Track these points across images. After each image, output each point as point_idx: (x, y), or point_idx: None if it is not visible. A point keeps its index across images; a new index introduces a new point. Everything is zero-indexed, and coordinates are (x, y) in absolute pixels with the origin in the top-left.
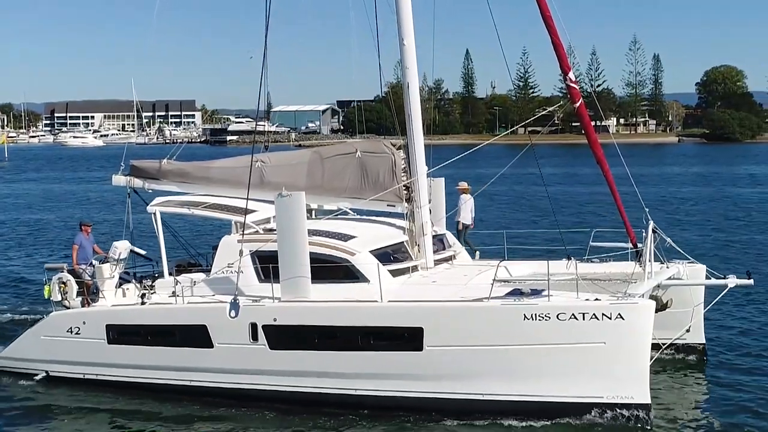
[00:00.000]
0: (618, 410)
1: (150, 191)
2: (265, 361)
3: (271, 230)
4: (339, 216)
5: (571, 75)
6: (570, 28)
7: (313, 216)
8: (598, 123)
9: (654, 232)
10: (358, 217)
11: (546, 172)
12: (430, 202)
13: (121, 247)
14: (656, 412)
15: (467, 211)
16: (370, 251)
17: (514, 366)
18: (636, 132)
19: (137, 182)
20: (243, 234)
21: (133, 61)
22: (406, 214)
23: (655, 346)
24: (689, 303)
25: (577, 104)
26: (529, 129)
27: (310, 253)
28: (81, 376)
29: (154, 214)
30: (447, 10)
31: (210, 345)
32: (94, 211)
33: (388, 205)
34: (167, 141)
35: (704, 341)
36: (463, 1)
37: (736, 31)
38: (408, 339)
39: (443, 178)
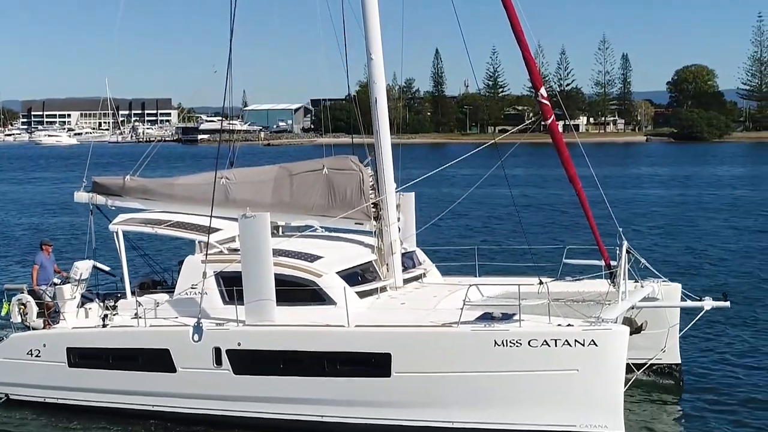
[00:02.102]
0: None
1: (113, 208)
2: (230, 386)
3: (235, 250)
4: (307, 233)
5: (542, 92)
6: (539, 27)
7: (280, 233)
8: (567, 122)
9: (628, 252)
10: (326, 234)
11: (518, 173)
12: (399, 220)
13: (83, 268)
14: None
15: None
16: (338, 272)
17: (484, 393)
18: (605, 131)
19: (100, 199)
20: (206, 254)
21: (111, 60)
22: (375, 232)
23: (630, 368)
24: (664, 324)
25: (548, 121)
26: (500, 129)
27: (276, 274)
28: (42, 400)
29: (116, 233)
30: (418, 8)
31: (173, 369)
32: (44, 215)
33: (356, 224)
34: (140, 140)
35: (680, 361)
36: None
37: (709, 31)
38: (375, 365)
39: (413, 193)
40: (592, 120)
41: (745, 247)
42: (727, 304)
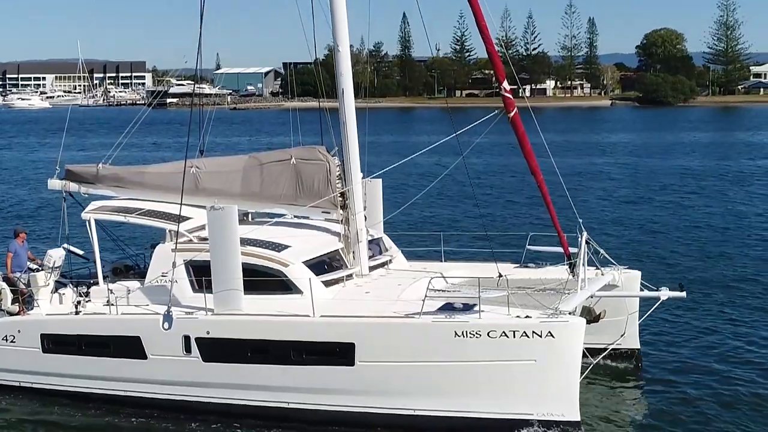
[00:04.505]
0: (548, 428)
1: (86, 195)
2: (199, 373)
3: (205, 239)
4: (276, 219)
5: (505, 85)
6: None
7: (250, 218)
8: (533, 86)
9: (587, 243)
10: (295, 221)
11: (486, 142)
12: (365, 209)
13: (56, 256)
14: (588, 426)
15: None
16: (304, 262)
17: (445, 382)
18: (572, 95)
19: (73, 186)
20: (176, 243)
21: (85, 22)
22: (342, 220)
23: (590, 353)
24: (623, 312)
25: (512, 114)
26: (467, 93)
27: (244, 263)
28: (17, 384)
29: (89, 221)
30: None
31: (144, 356)
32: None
33: (323, 212)
34: (110, 103)
35: (639, 346)
36: None
37: None
38: (340, 354)
39: (380, 180)
40: (559, 84)
41: (704, 225)
42: (683, 294)
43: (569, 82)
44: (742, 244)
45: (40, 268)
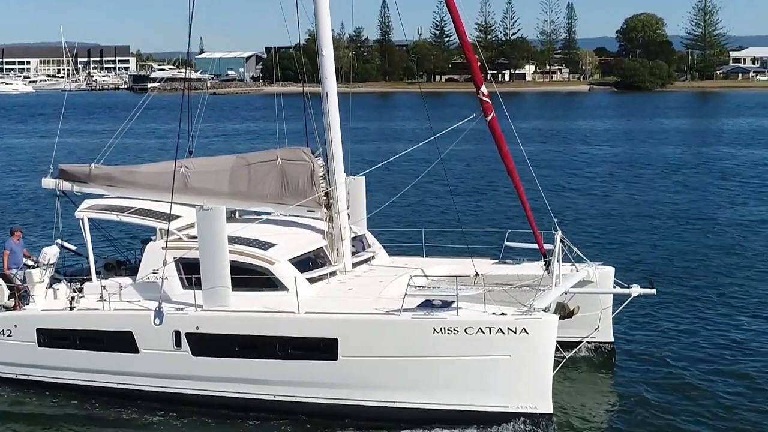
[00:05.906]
0: (522, 420)
1: (79, 194)
2: (188, 367)
3: (194, 237)
4: (262, 216)
5: (483, 89)
6: None
7: (237, 216)
8: (513, 71)
9: (562, 241)
10: (281, 218)
11: (467, 136)
12: (348, 207)
13: (50, 253)
14: (561, 417)
15: None
16: (290, 259)
17: (423, 376)
18: (551, 80)
19: (66, 185)
20: (167, 241)
21: (74, 4)
22: (326, 218)
23: (564, 347)
24: (597, 306)
25: (489, 118)
26: (446, 78)
27: (232, 261)
28: (13, 376)
29: (82, 219)
30: None
31: (136, 350)
32: None
33: (308, 211)
34: (93, 88)
35: (612, 340)
36: None
37: None
38: (323, 349)
39: (363, 178)
40: (538, 69)
41: (679, 218)
42: (653, 291)
43: (548, 67)
44: (716, 238)
45: (36, 265)
